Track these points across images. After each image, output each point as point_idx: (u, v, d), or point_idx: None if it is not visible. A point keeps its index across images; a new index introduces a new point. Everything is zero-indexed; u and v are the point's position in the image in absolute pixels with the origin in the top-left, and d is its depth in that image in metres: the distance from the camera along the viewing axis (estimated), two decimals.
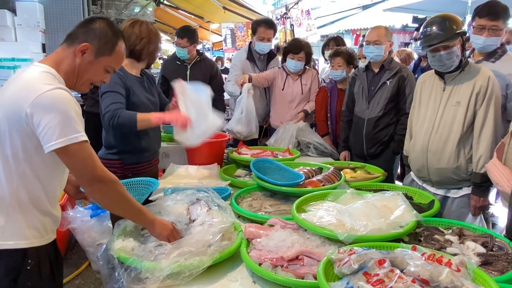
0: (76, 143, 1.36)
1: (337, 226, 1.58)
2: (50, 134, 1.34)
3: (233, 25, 9.34)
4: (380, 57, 3.02)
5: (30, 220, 1.46)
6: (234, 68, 3.85)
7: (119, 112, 2.12)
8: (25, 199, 1.45)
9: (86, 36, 1.51)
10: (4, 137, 1.40)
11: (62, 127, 1.34)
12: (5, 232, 1.43)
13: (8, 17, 5.03)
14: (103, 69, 1.57)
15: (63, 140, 1.34)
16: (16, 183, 1.43)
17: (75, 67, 1.51)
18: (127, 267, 1.47)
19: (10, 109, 1.38)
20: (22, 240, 1.45)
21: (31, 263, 1.46)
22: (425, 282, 1.15)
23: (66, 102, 1.38)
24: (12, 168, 1.42)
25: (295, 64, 3.57)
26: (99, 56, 1.53)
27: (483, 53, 2.55)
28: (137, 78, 2.41)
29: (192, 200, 1.88)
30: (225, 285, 1.48)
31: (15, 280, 1.44)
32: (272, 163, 2.47)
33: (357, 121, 3.15)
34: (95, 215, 3.17)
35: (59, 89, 1.39)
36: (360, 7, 10.15)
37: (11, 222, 1.44)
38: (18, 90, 1.40)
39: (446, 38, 2.19)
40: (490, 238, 1.60)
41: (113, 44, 1.56)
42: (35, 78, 1.40)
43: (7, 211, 1.43)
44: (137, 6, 8.26)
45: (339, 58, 3.41)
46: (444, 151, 2.31)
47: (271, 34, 3.76)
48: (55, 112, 1.34)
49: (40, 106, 1.34)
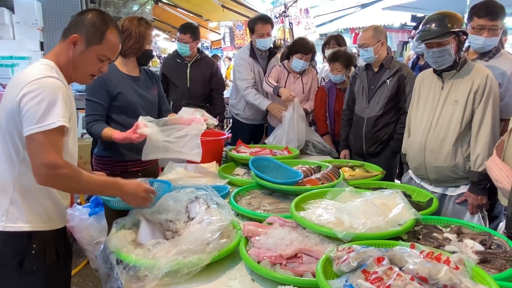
0: (50, 129, 1.40)
1: (335, 224, 1.59)
2: (30, 119, 1.40)
3: (231, 24, 9.33)
4: (372, 59, 3.02)
5: (32, 205, 1.54)
6: (243, 68, 3.83)
7: (90, 125, 2.25)
8: (28, 185, 1.51)
9: (76, 28, 1.58)
10: (4, 126, 1.49)
11: (43, 114, 1.40)
12: (9, 215, 1.51)
13: (6, 15, 5.01)
14: (96, 58, 1.61)
15: (39, 125, 1.39)
16: (18, 169, 1.51)
17: (69, 59, 1.58)
18: (125, 265, 1.47)
19: (6, 99, 1.48)
20: (26, 223, 1.52)
21: (36, 248, 1.53)
22: (423, 280, 1.15)
23: (54, 90, 1.44)
24: (13, 155, 1.50)
25: (302, 64, 3.55)
26: (90, 45, 1.58)
27: (477, 52, 2.55)
28: (130, 76, 2.40)
29: (191, 198, 1.87)
30: (224, 283, 1.48)
31: (21, 263, 1.51)
32: (271, 161, 2.47)
33: (357, 120, 3.15)
34: (93, 214, 3.18)
35: (49, 77, 1.46)
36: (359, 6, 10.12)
37: (14, 206, 1.52)
38: (15, 82, 1.50)
39: (438, 35, 2.19)
40: (488, 236, 1.60)
41: (101, 32, 1.59)
42: (32, 70, 1.50)
43: (12, 195, 1.51)
44: (136, 4, 8.23)
45: (337, 63, 3.39)
46: (442, 149, 2.31)
47: (269, 28, 3.77)
48: (38, 98, 1.40)
49: (27, 92, 1.41)
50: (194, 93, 3.90)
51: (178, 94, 3.85)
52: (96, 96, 2.27)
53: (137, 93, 2.40)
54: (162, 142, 2.07)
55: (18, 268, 1.51)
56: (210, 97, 4.04)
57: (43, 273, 1.55)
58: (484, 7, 2.46)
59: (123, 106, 2.33)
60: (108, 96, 2.30)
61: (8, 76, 4.76)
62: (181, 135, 2.17)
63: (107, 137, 2.18)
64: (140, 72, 2.49)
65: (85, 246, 3.17)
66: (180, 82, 3.91)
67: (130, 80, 2.39)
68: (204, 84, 3.96)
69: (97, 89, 2.26)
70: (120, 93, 2.31)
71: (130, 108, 2.34)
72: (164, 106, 2.64)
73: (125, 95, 2.32)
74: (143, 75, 2.50)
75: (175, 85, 3.91)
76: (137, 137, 2.04)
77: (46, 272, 1.56)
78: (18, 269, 1.51)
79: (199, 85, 3.93)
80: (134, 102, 2.35)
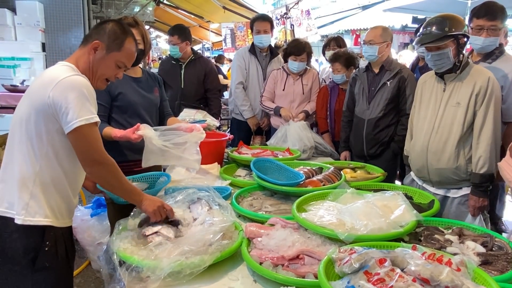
0: (90, 123, 1.53)
1: (337, 226, 1.59)
2: (71, 114, 1.50)
3: (233, 25, 9.34)
4: (374, 57, 3.02)
5: (49, 200, 1.60)
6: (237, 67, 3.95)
7: None
8: (47, 180, 1.59)
9: (97, 35, 1.70)
10: (30, 122, 1.56)
11: (81, 108, 1.51)
12: (29, 208, 1.56)
13: (8, 16, 5.02)
14: (114, 64, 1.72)
15: (81, 119, 1.50)
16: (40, 164, 1.57)
17: (89, 64, 1.68)
18: (128, 266, 1.47)
19: (35, 96, 1.56)
20: (43, 218, 1.58)
21: (49, 245, 1.58)
22: (425, 281, 1.16)
23: (84, 86, 1.55)
24: (36, 150, 1.57)
25: (297, 66, 3.59)
26: (110, 52, 1.69)
27: (481, 53, 2.56)
28: (131, 77, 2.42)
29: (193, 199, 1.88)
30: (226, 284, 1.48)
31: (34, 260, 1.56)
32: (273, 162, 2.48)
33: (357, 121, 3.16)
34: (95, 214, 3.18)
35: (78, 76, 1.58)
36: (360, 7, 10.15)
37: (34, 200, 1.57)
38: (42, 81, 1.59)
39: (435, 39, 2.20)
40: (490, 238, 1.61)
41: (121, 40, 1.71)
42: (57, 70, 1.60)
43: (32, 190, 1.57)
44: (137, 6, 8.25)
45: (337, 63, 3.42)
46: (444, 151, 2.31)
47: (266, 25, 3.81)
48: (74, 94, 1.51)
49: (61, 89, 1.51)
50: (187, 94, 3.92)
51: (172, 95, 3.85)
52: (97, 97, 2.26)
53: (138, 93, 2.41)
54: (161, 147, 2.08)
55: (31, 264, 1.55)
56: (205, 98, 4.06)
57: (54, 270, 1.60)
58: (483, 8, 2.47)
59: (123, 106, 2.35)
60: (109, 97, 2.31)
61: (10, 77, 4.75)
62: (180, 142, 2.18)
63: (107, 136, 2.18)
64: (142, 74, 2.50)
65: (86, 247, 3.17)
66: (174, 83, 3.94)
67: (131, 81, 2.41)
68: (199, 85, 3.98)
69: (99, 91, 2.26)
70: (120, 93, 2.32)
71: (131, 108, 2.36)
72: (166, 110, 2.64)
73: (125, 95, 2.34)
74: (144, 77, 2.51)
75: (169, 86, 3.92)
76: (136, 138, 2.07)
77: (58, 268, 1.62)
78: (31, 266, 1.55)
79: (193, 86, 3.95)
80: (134, 102, 2.37)
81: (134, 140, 2.08)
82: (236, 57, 4.08)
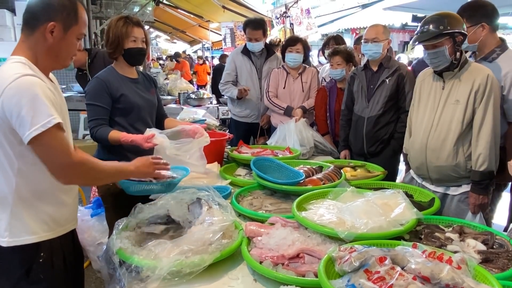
0: (48, 129, 1.34)
1: (337, 224, 1.59)
2: (24, 123, 1.33)
3: (232, 24, 9.34)
4: (379, 55, 3.03)
5: (35, 215, 1.49)
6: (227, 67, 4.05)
7: (95, 130, 2.23)
8: (28, 195, 1.47)
9: (47, 16, 1.47)
10: None
11: (34, 114, 1.34)
12: (13, 229, 1.46)
13: (8, 16, 5.01)
14: (75, 39, 1.55)
15: (36, 127, 1.33)
16: (15, 181, 1.44)
17: (49, 48, 1.49)
18: (128, 266, 1.47)
19: None
20: (31, 235, 1.48)
21: (44, 256, 1.50)
22: (426, 279, 1.16)
23: (33, 87, 1.36)
24: (7, 168, 1.44)
25: (294, 57, 3.59)
26: (68, 29, 1.50)
27: (482, 52, 2.53)
28: (129, 78, 2.39)
29: (193, 199, 1.88)
30: (226, 283, 1.48)
31: (28, 272, 1.47)
32: (273, 161, 2.47)
33: (357, 120, 3.15)
34: (95, 214, 3.18)
35: (25, 76, 1.37)
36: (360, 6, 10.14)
37: (16, 219, 1.46)
38: None
39: (430, 37, 2.20)
40: (490, 236, 1.60)
41: (75, 12, 1.51)
42: (3, 73, 1.40)
43: (11, 209, 1.46)
44: (137, 6, 8.24)
45: (338, 56, 3.42)
46: (443, 148, 2.31)
47: (258, 34, 3.83)
48: (24, 99, 1.34)
49: (9, 96, 1.34)
50: None
51: None
52: (98, 100, 2.25)
53: (138, 94, 2.39)
54: (173, 156, 2.11)
55: (25, 277, 1.47)
56: None
57: (49, 282, 1.52)
58: (461, 8, 2.46)
59: (126, 108, 2.31)
60: (111, 99, 2.27)
61: None
62: (188, 149, 2.22)
63: (114, 140, 2.16)
64: (138, 75, 2.47)
65: (87, 247, 3.17)
66: None
67: (130, 82, 2.38)
68: None
69: (99, 92, 2.25)
70: (122, 95, 2.29)
71: (133, 110, 2.33)
72: (162, 111, 2.63)
73: (127, 97, 2.31)
74: (141, 77, 2.48)
75: None
76: (149, 146, 2.07)
77: (53, 280, 1.53)
78: (25, 278, 1.47)
79: None
80: (136, 103, 2.34)
81: (147, 148, 2.07)
82: (228, 61, 4.18)
